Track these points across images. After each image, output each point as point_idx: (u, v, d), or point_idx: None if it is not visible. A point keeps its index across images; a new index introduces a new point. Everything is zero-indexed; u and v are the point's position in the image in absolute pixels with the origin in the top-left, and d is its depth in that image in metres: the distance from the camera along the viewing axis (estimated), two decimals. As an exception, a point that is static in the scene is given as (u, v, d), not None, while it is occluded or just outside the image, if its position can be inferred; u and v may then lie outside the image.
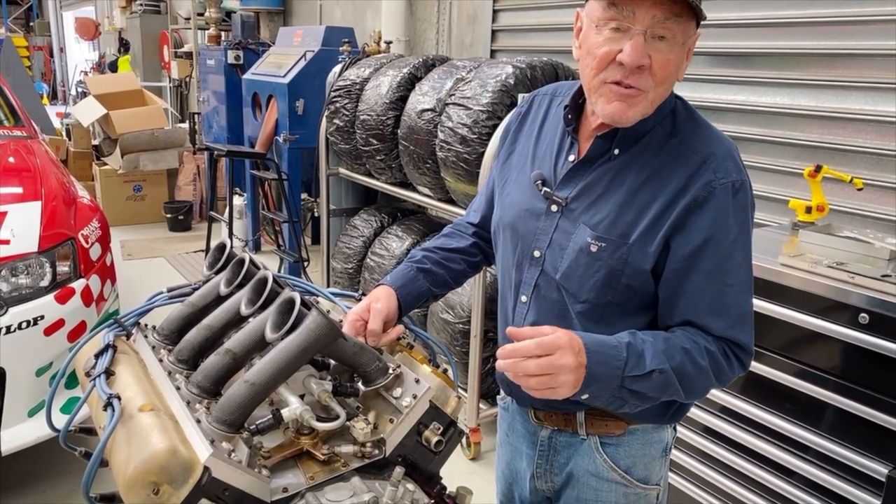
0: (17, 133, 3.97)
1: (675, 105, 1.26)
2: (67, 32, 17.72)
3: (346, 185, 4.60)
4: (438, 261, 1.49)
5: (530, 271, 1.35)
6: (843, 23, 2.61)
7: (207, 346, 1.30)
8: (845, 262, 1.92)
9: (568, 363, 1.07)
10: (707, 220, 1.17)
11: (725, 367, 1.22)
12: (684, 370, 1.17)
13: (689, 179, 1.18)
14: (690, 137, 1.22)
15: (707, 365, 1.19)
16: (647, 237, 1.20)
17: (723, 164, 1.19)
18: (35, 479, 2.91)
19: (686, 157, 1.20)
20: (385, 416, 1.24)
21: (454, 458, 1.39)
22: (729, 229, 1.18)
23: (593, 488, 1.39)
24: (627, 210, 1.22)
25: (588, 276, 1.25)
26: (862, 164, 2.58)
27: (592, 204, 1.26)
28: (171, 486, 0.99)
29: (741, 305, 1.21)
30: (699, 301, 1.20)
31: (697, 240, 1.18)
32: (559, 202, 1.29)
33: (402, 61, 3.84)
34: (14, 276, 2.63)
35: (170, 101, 9.80)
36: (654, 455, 1.39)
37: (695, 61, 3.17)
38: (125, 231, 6.61)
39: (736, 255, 1.19)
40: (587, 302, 1.27)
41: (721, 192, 1.17)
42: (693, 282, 1.19)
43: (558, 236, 1.29)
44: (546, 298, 1.33)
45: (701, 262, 1.18)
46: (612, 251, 1.22)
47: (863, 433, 1.80)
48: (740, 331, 1.21)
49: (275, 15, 7.33)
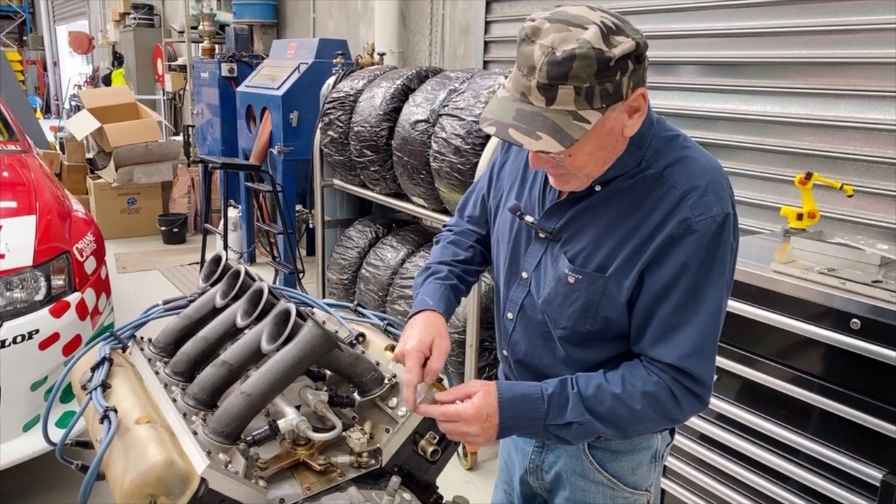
0: (12, 147, 3.98)
1: (652, 136, 1.23)
2: (61, 46, 17.74)
3: (340, 197, 4.61)
4: (460, 275, 1.50)
5: (517, 291, 1.37)
6: (833, 32, 2.64)
7: (203, 358, 1.30)
8: (837, 268, 1.93)
9: (470, 431, 1.18)
10: (681, 256, 1.17)
11: (671, 406, 1.20)
12: (615, 414, 1.20)
13: (666, 216, 1.18)
14: (673, 169, 1.20)
15: (642, 409, 1.19)
16: (624, 271, 1.21)
17: (702, 199, 1.17)
18: (31, 494, 2.89)
19: (666, 192, 1.19)
20: (381, 425, 1.25)
21: (451, 468, 1.39)
22: (703, 264, 1.18)
23: (581, 489, 1.42)
24: (605, 244, 1.23)
25: (567, 304, 1.27)
26: (852, 171, 2.60)
27: (573, 236, 1.27)
28: (169, 497, 0.99)
29: (700, 338, 1.19)
30: (660, 331, 1.21)
31: (669, 274, 1.18)
32: (547, 233, 1.30)
33: (396, 73, 3.86)
34: (9, 290, 2.63)
35: (164, 114, 9.81)
36: (641, 461, 1.41)
37: (686, 70, 3.21)
38: (120, 244, 6.60)
39: (706, 290, 1.19)
40: (566, 328, 1.29)
41: (697, 229, 1.16)
42: (659, 313, 1.20)
43: (545, 261, 1.31)
44: (531, 319, 1.35)
45: (670, 295, 1.19)
46: (589, 283, 1.24)
47: (856, 438, 1.81)
48: (696, 362, 1.19)
49: (268, 27, 7.36)
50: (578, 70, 1.04)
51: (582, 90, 1.05)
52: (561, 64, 1.04)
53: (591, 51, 1.04)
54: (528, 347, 1.37)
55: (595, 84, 1.05)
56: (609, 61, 1.04)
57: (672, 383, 1.20)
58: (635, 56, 1.07)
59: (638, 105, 1.14)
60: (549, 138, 1.07)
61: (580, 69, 1.04)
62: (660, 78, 3.28)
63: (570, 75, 1.04)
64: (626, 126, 1.15)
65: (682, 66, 3.21)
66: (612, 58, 1.04)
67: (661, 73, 3.28)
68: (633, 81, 1.10)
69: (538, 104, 1.08)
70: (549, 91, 1.06)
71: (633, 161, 1.21)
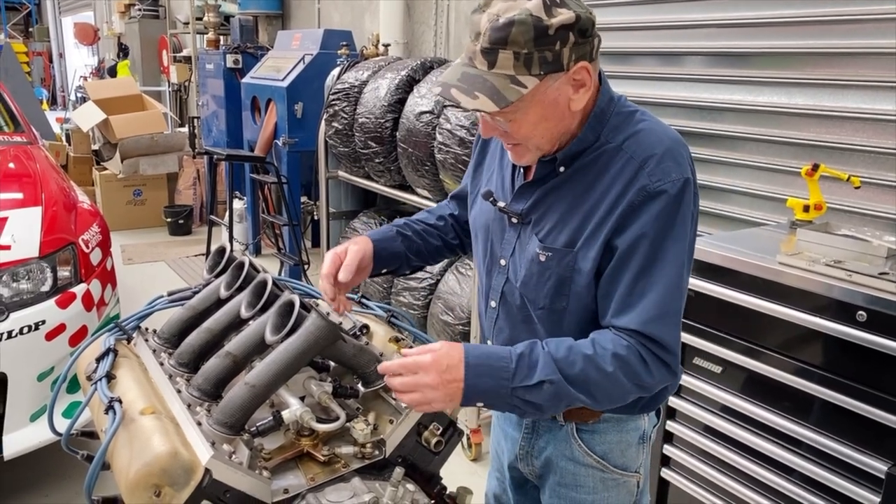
0: (18, 139, 3.98)
1: (610, 112, 1.26)
2: (66, 38, 17.74)
3: (345, 188, 4.61)
4: (418, 231, 1.57)
5: (497, 278, 1.40)
6: (840, 21, 2.61)
7: (208, 349, 1.31)
8: (843, 260, 1.92)
9: (428, 381, 1.13)
10: (640, 221, 1.19)
11: (641, 370, 1.20)
12: (587, 376, 1.17)
13: (626, 185, 1.20)
14: (631, 141, 1.23)
15: (614, 371, 1.17)
16: (590, 243, 1.23)
17: (659, 166, 1.19)
18: (37, 484, 2.91)
19: (626, 163, 1.22)
20: (385, 416, 1.25)
21: (454, 459, 1.40)
22: (663, 229, 1.19)
23: (571, 473, 1.43)
24: (571, 220, 1.26)
25: (541, 283, 1.30)
26: (859, 162, 2.58)
27: (542, 216, 1.30)
28: (173, 488, 1.00)
29: (665, 302, 1.20)
30: (623, 298, 1.21)
31: (629, 241, 1.20)
32: (516, 216, 1.33)
33: (400, 64, 3.85)
34: (15, 282, 2.64)
35: (169, 105, 9.81)
36: (630, 442, 1.42)
37: (691, 61, 3.19)
38: (125, 235, 6.62)
39: (666, 254, 1.20)
40: (544, 308, 1.31)
41: (656, 195, 1.18)
42: (621, 280, 1.21)
43: (519, 246, 1.35)
44: (512, 305, 1.38)
45: (631, 261, 1.20)
46: (559, 260, 1.26)
47: (862, 430, 1.80)
48: (659, 327, 1.20)
49: (273, 19, 7.34)
50: (517, 35, 1.11)
51: (521, 55, 1.12)
52: (501, 29, 1.11)
53: (530, 17, 1.10)
54: (512, 333, 1.40)
55: (534, 51, 1.12)
56: (547, 29, 1.11)
57: (640, 348, 1.20)
58: (578, 29, 1.13)
59: (582, 79, 1.18)
60: (486, 98, 1.14)
61: (518, 34, 1.10)
62: (665, 69, 3.26)
63: (508, 40, 1.11)
64: (571, 100, 1.20)
65: (688, 56, 3.19)
66: (549, 26, 1.11)
67: (667, 64, 3.26)
68: (576, 54, 1.15)
69: (481, 67, 1.15)
70: (491, 55, 1.13)
71: (593, 136, 1.26)
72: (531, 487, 1.56)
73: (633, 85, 3.29)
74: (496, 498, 1.67)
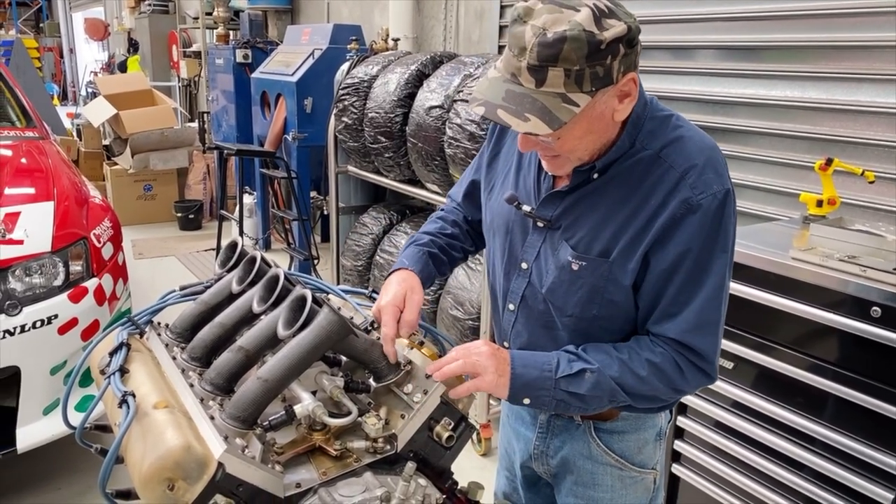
0: (29, 134, 4.00)
1: (645, 116, 1.22)
2: (77, 33, 17.82)
3: (354, 183, 4.61)
4: (443, 246, 1.53)
5: (517, 282, 1.37)
6: (854, 14, 2.59)
7: (220, 343, 1.31)
8: (857, 255, 1.91)
9: (481, 361, 1.20)
10: (684, 235, 1.17)
11: (676, 377, 1.22)
12: (623, 380, 1.22)
13: (667, 195, 1.18)
14: (670, 149, 1.20)
15: (647, 375, 1.21)
16: (627, 254, 1.21)
17: (701, 177, 1.17)
18: (51, 477, 2.94)
19: (665, 172, 1.19)
20: (396, 411, 1.25)
21: (465, 454, 1.40)
22: (705, 242, 1.18)
23: (589, 472, 1.42)
24: (607, 228, 1.23)
25: (572, 291, 1.28)
26: (873, 156, 2.56)
27: (573, 223, 1.27)
28: (186, 481, 1.00)
29: (704, 312, 1.20)
30: (665, 309, 1.22)
31: (674, 255, 1.18)
32: (545, 221, 1.30)
33: (410, 58, 3.85)
34: (28, 276, 2.66)
35: (179, 100, 9.84)
36: (647, 439, 1.42)
37: (704, 55, 3.17)
38: (136, 230, 6.65)
39: (710, 266, 1.19)
40: (573, 316, 1.30)
41: (699, 208, 1.17)
42: (664, 294, 1.21)
43: (545, 251, 1.31)
44: (533, 309, 1.36)
45: (676, 274, 1.19)
46: (593, 269, 1.24)
47: (875, 427, 1.79)
48: (698, 337, 1.21)
49: (283, 13, 7.34)
50: (569, 52, 1.03)
51: (572, 73, 1.05)
52: (551, 45, 1.03)
53: (583, 33, 1.03)
54: (531, 338, 1.38)
55: (585, 67, 1.05)
56: (600, 44, 1.04)
57: (676, 356, 1.21)
58: (627, 40, 1.07)
59: (628, 90, 1.14)
60: (538, 120, 1.07)
61: (570, 52, 1.03)
62: (677, 62, 3.24)
63: (560, 57, 1.04)
64: (616, 111, 1.15)
65: (701, 50, 3.17)
66: (602, 41, 1.04)
67: (679, 58, 3.24)
68: (624, 66, 1.09)
69: (528, 86, 1.08)
70: (539, 73, 1.06)
71: (629, 142, 1.22)
72: (543, 485, 1.56)
73: (646, 79, 3.23)
74: (506, 496, 1.66)
